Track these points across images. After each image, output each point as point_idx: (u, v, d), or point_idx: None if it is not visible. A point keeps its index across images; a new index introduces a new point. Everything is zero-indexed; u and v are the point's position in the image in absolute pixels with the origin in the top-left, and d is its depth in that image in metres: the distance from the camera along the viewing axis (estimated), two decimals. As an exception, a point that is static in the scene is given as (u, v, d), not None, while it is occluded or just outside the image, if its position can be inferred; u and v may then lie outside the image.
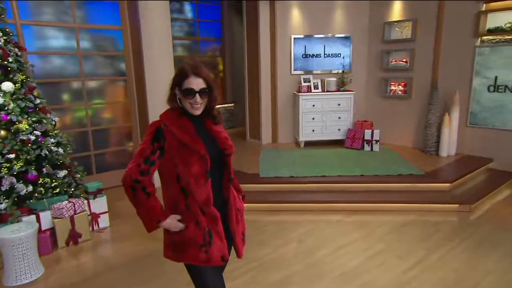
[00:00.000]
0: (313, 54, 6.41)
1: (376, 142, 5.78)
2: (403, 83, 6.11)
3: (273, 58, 6.41)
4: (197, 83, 1.57)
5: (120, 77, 5.22)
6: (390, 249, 3.28)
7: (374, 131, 5.79)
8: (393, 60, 6.17)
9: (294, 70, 6.42)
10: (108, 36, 5.20)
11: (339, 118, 6.16)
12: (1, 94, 3.24)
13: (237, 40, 8.16)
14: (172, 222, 1.61)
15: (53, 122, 3.69)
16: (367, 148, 5.84)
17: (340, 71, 6.36)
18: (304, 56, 6.40)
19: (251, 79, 6.69)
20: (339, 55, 6.44)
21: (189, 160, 1.56)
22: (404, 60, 6.00)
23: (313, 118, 6.12)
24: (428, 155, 5.54)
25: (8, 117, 3.25)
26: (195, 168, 1.57)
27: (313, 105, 6.09)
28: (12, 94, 3.32)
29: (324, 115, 6.13)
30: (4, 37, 3.36)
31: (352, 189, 4.39)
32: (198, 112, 1.61)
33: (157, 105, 5.01)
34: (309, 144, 6.30)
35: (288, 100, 6.54)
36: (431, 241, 3.41)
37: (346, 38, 6.39)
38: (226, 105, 8.30)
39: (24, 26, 4.38)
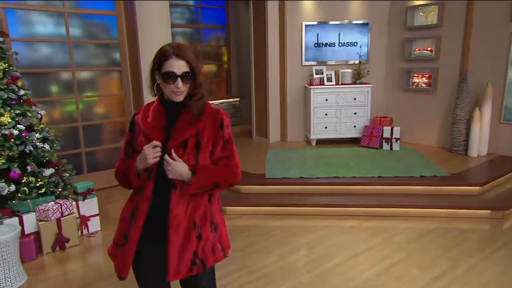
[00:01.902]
0: (327, 43, 6.33)
1: (396, 141, 5.68)
2: (427, 75, 5.99)
3: (282, 48, 6.34)
4: (178, 66, 1.49)
5: (114, 67, 5.21)
6: (411, 259, 3.18)
7: (394, 128, 5.68)
8: (417, 49, 6.05)
9: (305, 60, 6.34)
10: (101, 22, 5.19)
11: (355, 113, 6.06)
12: (-18, 84, 3.24)
13: (243, 28, 8.10)
14: (143, 151, 1.51)
15: (39, 116, 3.67)
16: (386, 147, 5.74)
17: (357, 61, 6.26)
18: (316, 45, 6.32)
19: (257, 71, 6.64)
20: (355, 44, 6.34)
21: None
22: (429, 49, 5.88)
23: (326, 114, 6.04)
24: (456, 155, 5.42)
25: (-11, 110, 3.25)
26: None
27: (326, 100, 6.00)
28: (-6, 84, 3.32)
29: (338, 110, 6.04)
30: (-14, 22, 3.36)
31: (368, 191, 4.31)
32: (179, 98, 1.54)
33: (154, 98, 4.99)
34: (321, 142, 6.22)
35: (299, 94, 6.46)
36: (458, 251, 3.30)
37: (363, 25, 6.29)
38: (230, 99, 8.26)
39: (8, 10, 4.38)
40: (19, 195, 3.37)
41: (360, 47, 6.33)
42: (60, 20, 4.75)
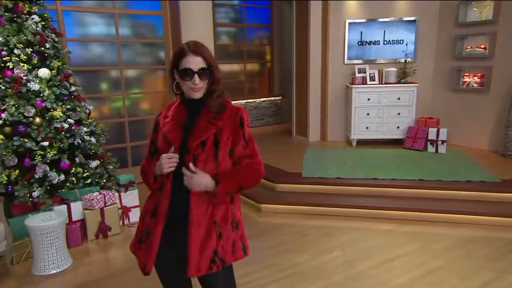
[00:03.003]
0: (371, 41, 6.15)
1: (443, 143, 5.40)
2: (479, 74, 5.64)
3: (324, 46, 6.25)
4: (195, 62, 1.50)
5: (159, 65, 5.41)
6: (450, 267, 3.03)
7: (441, 129, 5.42)
8: (469, 47, 5.71)
9: (348, 59, 6.21)
10: (148, 22, 5.42)
11: (399, 114, 5.84)
12: (38, 81, 3.49)
13: (287, 27, 8.07)
14: (160, 160, 1.55)
15: (87, 111, 3.90)
16: (431, 149, 5.48)
17: (402, 60, 6.02)
18: (360, 43, 6.17)
19: (299, 69, 6.59)
20: (401, 42, 6.11)
21: (165, 153, 1.57)
22: (483, 46, 5.53)
23: (368, 114, 5.87)
24: (509, 159, 5.07)
25: (44, 104, 3.50)
26: None
27: (368, 99, 5.84)
28: (48, 80, 3.57)
29: (380, 110, 5.86)
30: (43, 23, 3.61)
31: (408, 195, 4.14)
32: (198, 95, 1.55)
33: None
34: (362, 143, 6.06)
35: (340, 93, 6.34)
36: (504, 262, 3.09)
37: (411, 21, 6.04)
38: (272, 98, 8.26)
39: (65, 13, 4.69)
40: (67, 184, 3.60)
41: (407, 45, 6.09)
42: (111, 21, 5.01)
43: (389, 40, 6.13)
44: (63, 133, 3.55)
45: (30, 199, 3.41)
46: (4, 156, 3.38)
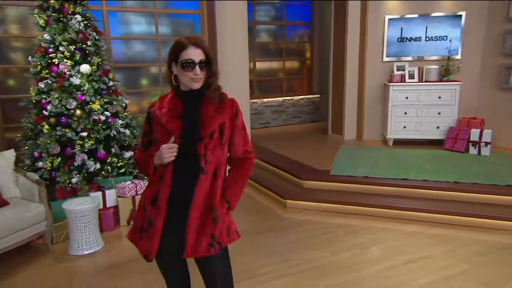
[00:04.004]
0: (411, 38, 5.92)
1: (486, 145, 5.09)
2: (530, 72, 5.25)
3: (362, 43, 6.11)
4: (196, 54, 1.56)
5: (195, 63, 5.58)
6: (475, 273, 2.87)
7: (484, 130, 5.11)
8: (519, 43, 5.34)
9: (387, 56, 6.03)
10: (187, 21, 5.62)
11: (439, 113, 5.58)
12: (79, 76, 3.76)
13: (327, 25, 7.97)
14: (159, 151, 1.60)
15: (124, 104, 4.14)
16: (473, 151, 5.19)
17: (445, 57, 5.74)
18: (399, 40, 5.96)
19: (336, 67, 6.50)
20: (445, 38, 5.82)
21: (165, 142, 1.60)
22: (534, 43, 5.14)
23: (405, 113, 5.67)
24: (559, 165, 4.68)
25: (84, 97, 3.76)
26: None
27: (406, 97, 5.64)
28: (89, 75, 3.83)
29: (419, 109, 5.63)
30: (85, 22, 3.88)
31: (440, 197, 3.97)
32: (198, 85, 1.60)
33: (228, 93, 5.23)
34: (399, 142, 5.86)
35: (377, 92, 6.17)
36: (537, 271, 2.89)
37: (456, 17, 5.74)
38: (310, 96, 8.21)
39: (110, 13, 5.00)
40: (103, 172, 3.85)
41: (451, 41, 5.79)
42: (152, 20, 5.26)
43: (432, 36, 5.86)
44: (100, 124, 3.80)
45: (70, 185, 3.70)
46: (48, 144, 3.68)
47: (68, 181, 3.68)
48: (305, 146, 6.10)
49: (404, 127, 5.72)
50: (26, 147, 3.84)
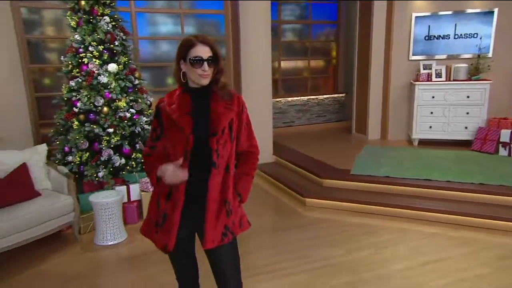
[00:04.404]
0: (439, 36, 5.76)
1: (517, 146, 4.90)
2: None
3: (388, 42, 6.01)
4: (204, 51, 1.61)
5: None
6: (495, 277, 2.79)
7: (515, 131, 4.92)
8: (554, 41, 5.09)
9: (413, 54, 5.90)
10: (212, 21, 5.72)
11: (467, 113, 5.41)
12: (107, 74, 3.93)
13: (354, 23, 7.87)
14: (164, 169, 1.65)
15: (148, 102, 4.28)
16: (503, 152, 5.00)
17: (475, 55, 5.55)
18: (427, 38, 5.81)
19: (360, 66, 6.43)
20: (475, 36, 5.63)
21: (176, 138, 1.66)
22: None
23: (432, 113, 5.53)
24: None
25: (110, 95, 3.92)
26: (179, 148, 1.66)
27: (433, 97, 5.50)
28: (116, 74, 3.99)
29: (446, 109, 5.48)
30: (113, 23, 4.04)
31: (463, 198, 3.86)
32: (206, 81, 1.64)
33: (250, 92, 5.29)
34: (424, 143, 5.73)
35: (403, 91, 6.05)
36: None
37: (487, 13, 5.54)
38: (335, 95, 8.14)
39: (138, 14, 5.17)
40: (128, 167, 4.00)
41: (481, 38, 5.59)
42: (178, 20, 5.39)
43: (461, 34, 5.68)
44: (125, 121, 3.96)
45: (96, 179, 3.87)
46: (77, 140, 3.86)
47: (95, 175, 3.85)
48: (328, 146, 6.07)
49: (430, 127, 5.59)
50: (58, 142, 4.05)
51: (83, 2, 3.93)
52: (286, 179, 4.80)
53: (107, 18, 3.96)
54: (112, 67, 3.95)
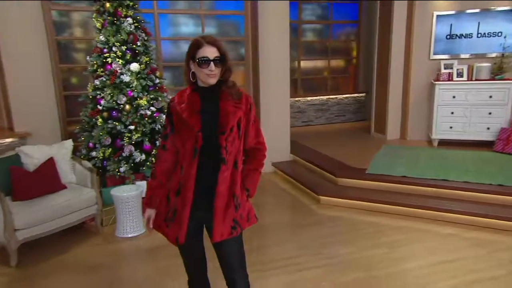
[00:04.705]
0: (462, 34, 5.63)
1: (540, 148, 4.74)
2: None
3: (408, 41, 5.92)
4: (211, 52, 1.66)
5: (239, 61, 5.75)
6: (510, 279, 2.73)
7: (539, 132, 4.76)
8: None
9: (434, 54, 5.78)
10: (232, 21, 5.78)
11: (490, 114, 5.27)
12: (129, 73, 4.06)
13: (375, 23, 7.79)
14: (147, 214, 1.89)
15: (168, 100, 4.39)
16: (526, 154, 4.86)
17: (499, 54, 5.40)
18: (448, 37, 5.69)
19: (380, 65, 6.36)
20: (499, 34, 5.47)
21: (186, 136, 1.72)
22: None
23: (452, 113, 5.42)
24: None
25: (132, 94, 4.06)
26: (188, 145, 1.71)
27: (454, 97, 5.38)
28: (137, 73, 4.12)
29: (467, 109, 5.35)
30: (135, 24, 4.18)
31: (481, 199, 3.78)
32: (213, 81, 1.69)
33: (268, 92, 5.34)
34: (444, 143, 5.61)
35: (423, 90, 5.94)
36: None
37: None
38: (355, 95, 8.08)
39: (161, 15, 5.30)
40: (148, 163, 4.12)
41: (505, 37, 5.43)
42: (199, 21, 5.49)
43: (484, 33, 5.54)
44: (146, 119, 4.08)
45: (118, 174, 4.01)
46: (101, 136, 4.02)
47: (117, 170, 4.00)
48: (345, 145, 6.05)
49: (451, 127, 5.47)
50: (83, 138, 4.22)
51: (108, 4, 4.07)
52: (302, 177, 4.83)
53: (129, 20, 4.09)
54: (134, 66, 4.08)
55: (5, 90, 4.41)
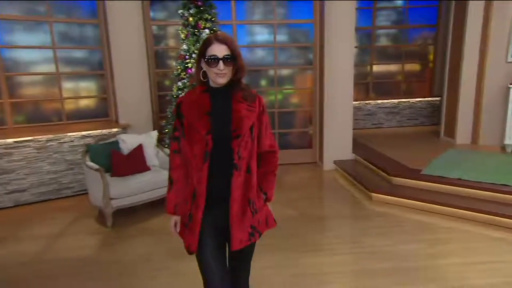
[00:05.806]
0: (545, 35, 5.04)
1: None
2: None
3: (484, 43, 5.47)
4: (220, 50, 1.51)
5: (307, 66, 5.94)
6: (553, 286, 2.52)
7: None
8: None
9: (512, 56, 5.28)
10: (303, 29, 6.01)
11: None
12: (205, 77, 4.56)
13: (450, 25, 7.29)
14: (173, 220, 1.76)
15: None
16: None
17: None
18: (529, 38, 5.14)
19: (452, 68, 5.98)
20: None
21: (194, 139, 1.58)
22: None
23: (528, 117, 4.89)
24: None
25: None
26: (197, 148, 1.57)
27: (531, 101, 4.86)
28: (212, 77, 4.59)
29: (546, 114, 4.79)
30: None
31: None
32: (222, 80, 1.55)
33: (333, 94, 5.44)
34: (519, 150, 5.09)
35: (499, 94, 5.44)
36: None
37: None
38: (430, 98, 7.64)
39: (238, 26, 5.77)
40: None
41: None
42: (272, 30, 5.84)
43: None
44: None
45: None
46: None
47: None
48: (411, 147, 5.83)
49: (526, 133, 4.95)
50: (167, 130, 4.85)
51: (190, 18, 4.63)
52: (359, 175, 4.84)
53: (207, 31, 4.59)
54: (210, 70, 4.56)
55: (114, 90, 5.27)
